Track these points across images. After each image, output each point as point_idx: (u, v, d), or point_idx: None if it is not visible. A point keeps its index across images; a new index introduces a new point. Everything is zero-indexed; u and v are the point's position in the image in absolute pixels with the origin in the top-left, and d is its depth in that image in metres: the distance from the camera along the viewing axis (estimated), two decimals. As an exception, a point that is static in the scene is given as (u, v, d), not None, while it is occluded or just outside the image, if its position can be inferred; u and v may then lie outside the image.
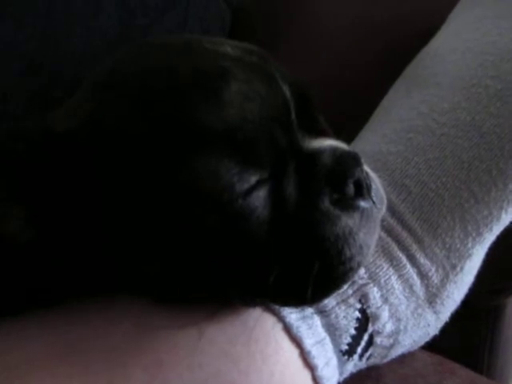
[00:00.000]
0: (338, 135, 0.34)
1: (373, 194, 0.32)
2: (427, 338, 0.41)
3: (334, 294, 0.34)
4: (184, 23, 0.49)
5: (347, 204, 0.30)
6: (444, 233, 0.37)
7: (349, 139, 0.42)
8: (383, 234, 0.36)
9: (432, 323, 0.39)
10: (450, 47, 0.41)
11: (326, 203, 0.30)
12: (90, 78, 0.31)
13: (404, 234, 0.36)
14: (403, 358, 0.41)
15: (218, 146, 0.27)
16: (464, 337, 0.50)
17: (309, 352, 0.33)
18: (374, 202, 0.31)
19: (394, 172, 0.37)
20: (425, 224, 0.36)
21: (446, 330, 0.41)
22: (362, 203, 0.31)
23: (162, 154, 0.27)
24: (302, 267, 0.29)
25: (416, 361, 0.42)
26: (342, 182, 0.30)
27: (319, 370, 0.33)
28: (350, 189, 0.30)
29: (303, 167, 0.30)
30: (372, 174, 0.33)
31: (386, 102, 0.42)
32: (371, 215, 0.31)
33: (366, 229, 0.31)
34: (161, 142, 0.27)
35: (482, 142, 0.37)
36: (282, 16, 0.54)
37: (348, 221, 0.30)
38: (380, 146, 0.39)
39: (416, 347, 0.42)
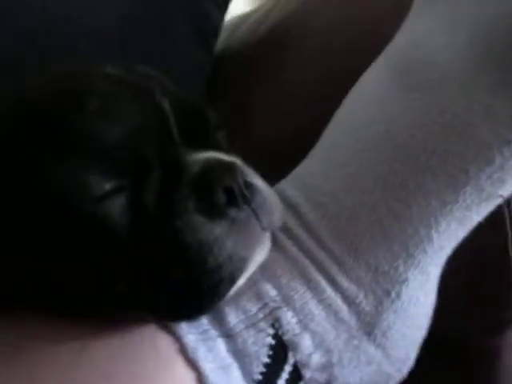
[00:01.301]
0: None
1: (254, 204, 0.31)
2: (386, 378, 0.37)
3: (242, 317, 0.33)
4: None
5: (214, 212, 0.30)
6: (366, 253, 0.34)
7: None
8: (299, 255, 0.34)
9: (380, 359, 0.36)
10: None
11: (190, 211, 0.29)
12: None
13: (322, 255, 0.34)
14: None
15: (75, 153, 0.29)
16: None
17: (207, 377, 0.31)
18: (254, 212, 0.31)
19: (312, 189, 0.35)
20: (344, 244, 0.34)
21: (427, 373, 0.37)
22: (234, 212, 0.30)
23: (25, 159, 0.29)
24: (170, 278, 0.29)
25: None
26: (209, 189, 0.30)
27: None
28: (219, 197, 0.30)
29: (170, 176, 0.30)
30: (262, 187, 0.32)
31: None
32: (247, 225, 0.30)
33: (239, 238, 0.30)
34: (26, 148, 0.29)
35: (396, 154, 0.34)
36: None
37: (213, 228, 0.29)
38: (307, 165, 0.37)
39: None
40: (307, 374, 0.34)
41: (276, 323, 0.33)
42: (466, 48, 0.35)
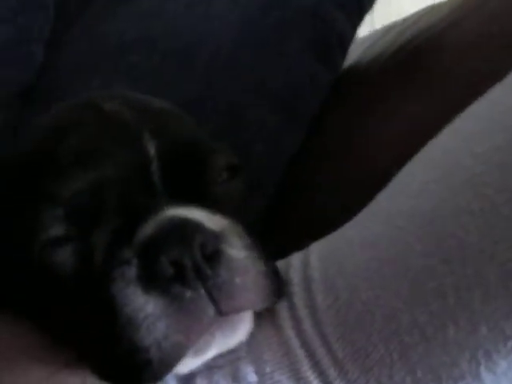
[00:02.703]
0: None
1: (214, 281, 0.25)
2: None
3: None
4: None
5: (155, 285, 0.25)
6: (377, 368, 0.26)
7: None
8: (295, 343, 0.27)
9: None
10: None
11: (126, 278, 0.26)
12: None
13: (321, 352, 0.27)
14: None
15: (41, 197, 0.28)
16: None
17: None
18: (208, 292, 0.25)
19: (333, 263, 0.28)
20: (349, 348, 0.26)
21: None
22: (177, 288, 0.25)
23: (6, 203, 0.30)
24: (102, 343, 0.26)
25: None
26: (153, 258, 0.25)
27: None
28: (163, 269, 0.25)
29: (122, 234, 0.27)
30: (241, 259, 0.26)
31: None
32: (193, 306, 0.25)
33: (178, 320, 0.25)
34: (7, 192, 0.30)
35: (437, 248, 0.25)
36: None
37: (146, 304, 0.25)
38: (348, 227, 0.30)
39: None
40: None
41: None
42: None
